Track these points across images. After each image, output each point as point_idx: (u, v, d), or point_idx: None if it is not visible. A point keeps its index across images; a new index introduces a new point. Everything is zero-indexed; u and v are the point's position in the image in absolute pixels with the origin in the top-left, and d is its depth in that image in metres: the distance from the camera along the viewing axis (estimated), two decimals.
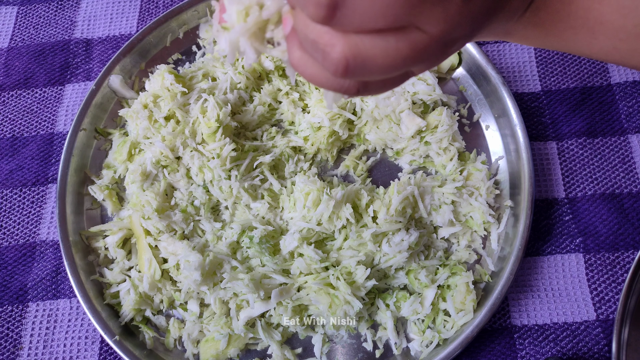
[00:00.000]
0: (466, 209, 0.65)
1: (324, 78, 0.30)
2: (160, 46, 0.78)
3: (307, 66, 0.30)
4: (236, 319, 0.61)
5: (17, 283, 0.67)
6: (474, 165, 0.67)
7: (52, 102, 0.78)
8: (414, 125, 0.67)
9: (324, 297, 0.59)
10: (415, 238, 0.61)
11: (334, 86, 0.31)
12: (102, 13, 0.84)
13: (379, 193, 0.65)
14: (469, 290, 0.60)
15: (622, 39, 0.38)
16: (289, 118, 0.72)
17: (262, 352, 0.62)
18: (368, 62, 0.28)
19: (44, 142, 0.75)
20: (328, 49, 0.28)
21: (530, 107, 0.72)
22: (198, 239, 0.65)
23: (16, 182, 0.73)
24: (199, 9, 0.77)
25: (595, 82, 0.73)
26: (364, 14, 0.26)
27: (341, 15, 0.26)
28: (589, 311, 0.61)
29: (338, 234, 0.62)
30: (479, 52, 0.70)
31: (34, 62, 0.81)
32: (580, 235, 0.65)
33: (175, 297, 0.63)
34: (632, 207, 0.66)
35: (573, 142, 0.70)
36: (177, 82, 0.69)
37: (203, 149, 0.66)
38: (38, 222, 0.71)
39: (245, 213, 0.66)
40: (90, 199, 0.70)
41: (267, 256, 0.61)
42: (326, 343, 0.61)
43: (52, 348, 0.64)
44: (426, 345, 0.60)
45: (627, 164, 0.68)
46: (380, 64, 0.29)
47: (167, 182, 0.68)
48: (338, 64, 0.28)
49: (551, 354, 0.60)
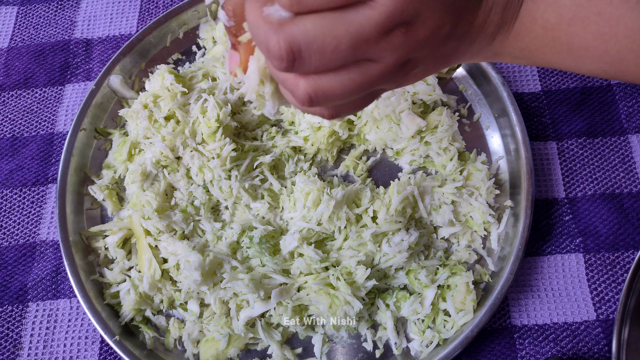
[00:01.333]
0: (466, 209, 0.65)
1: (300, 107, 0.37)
2: (160, 46, 0.78)
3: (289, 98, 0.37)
4: (236, 319, 0.61)
5: (17, 283, 0.67)
6: (474, 165, 0.67)
7: (52, 102, 0.78)
8: (414, 125, 0.67)
9: (324, 297, 0.59)
10: (415, 238, 0.61)
11: (310, 112, 0.37)
12: (102, 13, 0.84)
13: (379, 193, 0.65)
14: (469, 290, 0.60)
15: (607, 62, 0.39)
16: (289, 118, 0.72)
17: (262, 352, 0.62)
18: (328, 94, 0.34)
19: (44, 142, 0.75)
20: (294, 89, 0.34)
21: (530, 107, 0.72)
22: (198, 239, 0.65)
23: (16, 182, 0.73)
24: (199, 9, 0.77)
25: (595, 82, 0.73)
26: (317, 61, 0.31)
27: (299, 65, 0.31)
28: (589, 311, 0.61)
29: (338, 234, 0.62)
30: None
31: (34, 62, 0.81)
32: (580, 235, 0.65)
33: (175, 297, 0.63)
34: (632, 207, 0.66)
35: (573, 142, 0.70)
36: (177, 82, 0.69)
37: (203, 149, 0.66)
38: (38, 222, 0.71)
39: (245, 213, 0.66)
40: (90, 199, 0.70)
41: (267, 256, 0.61)
42: (326, 343, 0.61)
43: (52, 348, 0.64)
44: (426, 345, 0.60)
45: (627, 164, 0.68)
46: (339, 94, 0.34)
47: (167, 182, 0.68)
48: (303, 99, 0.34)
49: (551, 354, 0.60)
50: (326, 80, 0.33)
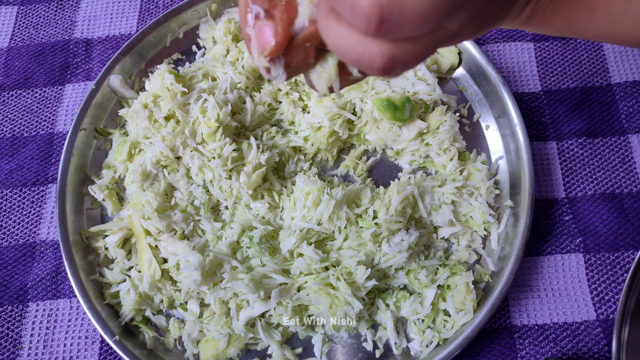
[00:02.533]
0: (466, 209, 0.65)
1: (350, 42, 0.28)
2: (160, 46, 0.78)
3: (332, 29, 0.28)
4: (236, 319, 0.61)
5: (17, 283, 0.67)
6: (474, 165, 0.67)
7: (52, 102, 0.78)
8: (415, 127, 0.67)
9: (324, 297, 0.59)
10: (415, 238, 0.61)
11: (360, 53, 0.28)
12: (102, 13, 0.84)
13: (379, 193, 0.65)
14: (469, 290, 0.60)
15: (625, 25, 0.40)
16: (289, 118, 0.72)
17: (262, 352, 0.62)
18: (404, 62, 0.28)
19: (44, 142, 0.75)
20: (368, 55, 0.28)
21: (530, 107, 0.72)
22: (198, 239, 0.65)
23: (16, 182, 0.73)
24: (199, 9, 0.77)
25: (595, 82, 0.73)
26: (405, 27, 0.26)
27: (387, 29, 0.26)
28: (589, 311, 0.61)
29: (338, 233, 0.62)
30: (479, 52, 0.70)
31: (34, 62, 0.81)
32: (580, 235, 0.65)
33: (175, 297, 0.63)
34: (632, 207, 0.66)
35: (573, 142, 0.70)
36: (177, 82, 0.69)
37: (203, 149, 0.66)
38: (38, 222, 0.71)
39: (245, 213, 0.66)
40: (90, 199, 0.70)
41: (267, 256, 0.61)
42: (326, 343, 0.61)
43: (52, 348, 0.64)
44: (426, 345, 0.60)
45: (627, 164, 0.68)
46: (413, 62, 0.29)
47: (167, 182, 0.68)
48: (370, 13, 0.26)
49: (551, 354, 0.60)
50: (405, 47, 0.28)
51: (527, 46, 0.76)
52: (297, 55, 0.31)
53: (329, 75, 0.32)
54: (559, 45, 0.76)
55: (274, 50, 0.30)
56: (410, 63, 0.29)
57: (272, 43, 0.29)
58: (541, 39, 0.76)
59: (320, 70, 0.32)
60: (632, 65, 0.73)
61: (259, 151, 0.65)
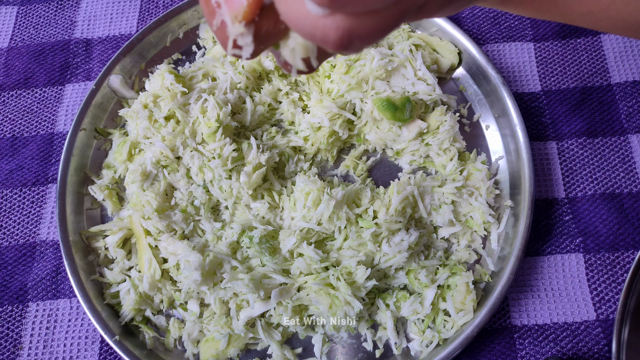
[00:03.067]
0: (466, 209, 0.65)
1: (303, 12, 0.26)
2: (160, 46, 0.78)
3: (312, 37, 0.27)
4: (236, 319, 0.61)
5: (17, 283, 0.67)
6: (474, 165, 0.67)
7: (52, 102, 0.78)
8: (415, 127, 0.67)
9: (324, 297, 0.59)
10: (415, 238, 0.61)
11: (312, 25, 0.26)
12: (102, 13, 0.84)
13: (379, 193, 0.65)
14: (469, 290, 0.60)
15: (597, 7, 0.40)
16: (289, 118, 0.72)
17: (262, 352, 0.62)
18: (364, 36, 0.26)
19: (44, 142, 0.75)
20: (324, 29, 0.26)
21: (530, 107, 0.72)
22: (198, 239, 0.65)
23: (16, 182, 0.73)
24: (199, 9, 0.77)
25: (595, 82, 0.73)
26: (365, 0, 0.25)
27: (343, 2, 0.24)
28: (589, 311, 0.61)
29: (338, 234, 0.62)
30: (479, 52, 0.70)
31: (34, 62, 0.81)
32: (580, 235, 0.65)
33: (175, 297, 0.63)
34: (632, 207, 0.66)
35: (573, 142, 0.70)
36: (177, 82, 0.69)
37: (203, 149, 0.66)
38: (38, 222, 0.71)
39: (245, 213, 0.66)
40: (90, 199, 0.70)
41: (267, 256, 0.61)
42: (326, 343, 0.61)
43: (52, 348, 0.64)
44: (426, 345, 0.60)
45: (627, 164, 0.68)
46: (373, 36, 0.27)
47: (167, 182, 0.68)
48: (336, 40, 0.25)
49: (551, 354, 0.60)
50: (364, 21, 0.26)
51: (527, 46, 0.76)
52: (267, 21, 0.28)
53: (304, 43, 0.29)
54: (559, 45, 0.76)
55: (248, 12, 0.27)
56: (370, 38, 0.27)
57: (244, 4, 0.27)
58: (541, 39, 0.76)
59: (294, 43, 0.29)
60: (632, 65, 0.73)
61: (259, 151, 0.65)
